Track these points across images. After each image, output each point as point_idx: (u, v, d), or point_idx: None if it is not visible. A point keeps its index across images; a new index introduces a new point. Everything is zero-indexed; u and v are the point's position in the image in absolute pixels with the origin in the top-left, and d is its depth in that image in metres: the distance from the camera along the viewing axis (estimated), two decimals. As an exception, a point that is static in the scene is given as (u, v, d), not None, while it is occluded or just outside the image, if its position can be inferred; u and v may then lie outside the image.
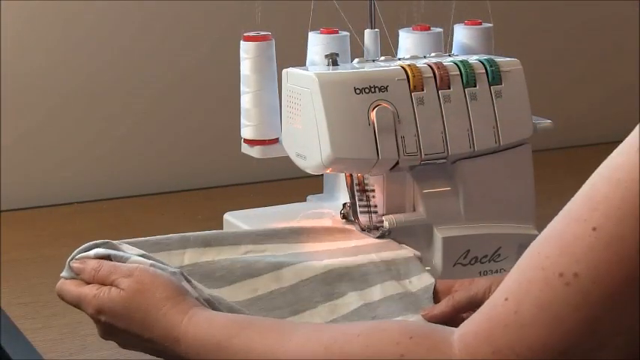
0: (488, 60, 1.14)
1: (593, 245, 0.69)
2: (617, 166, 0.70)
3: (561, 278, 0.70)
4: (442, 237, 1.12)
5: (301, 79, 1.11)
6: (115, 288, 0.94)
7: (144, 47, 1.71)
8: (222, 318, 0.91)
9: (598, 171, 0.72)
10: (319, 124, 1.08)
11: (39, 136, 1.67)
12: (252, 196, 1.68)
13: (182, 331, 0.90)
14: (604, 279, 0.69)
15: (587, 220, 0.70)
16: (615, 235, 0.68)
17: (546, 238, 0.73)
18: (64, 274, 1.00)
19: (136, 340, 0.94)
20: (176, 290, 0.93)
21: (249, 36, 1.19)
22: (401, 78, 1.10)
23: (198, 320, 0.90)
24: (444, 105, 1.11)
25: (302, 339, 0.82)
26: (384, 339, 0.78)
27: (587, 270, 0.69)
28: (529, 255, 0.74)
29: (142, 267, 0.95)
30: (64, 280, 0.99)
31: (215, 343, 0.87)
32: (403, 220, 1.12)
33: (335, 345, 0.80)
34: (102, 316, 0.95)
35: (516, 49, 1.26)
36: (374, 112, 1.08)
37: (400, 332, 0.78)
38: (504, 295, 0.73)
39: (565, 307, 0.70)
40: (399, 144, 1.09)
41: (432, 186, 1.14)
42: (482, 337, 0.73)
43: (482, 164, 1.14)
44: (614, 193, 0.69)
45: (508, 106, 1.14)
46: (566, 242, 0.71)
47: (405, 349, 0.76)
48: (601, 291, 0.69)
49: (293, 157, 1.15)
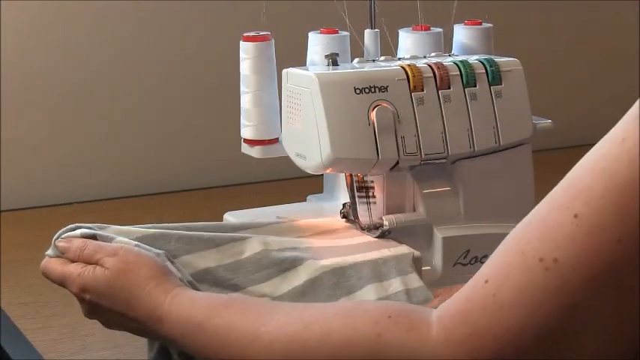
0: (488, 60, 1.14)
1: (574, 232, 0.70)
2: (601, 156, 0.71)
3: (541, 263, 0.70)
4: (442, 237, 1.12)
5: (301, 79, 1.11)
6: (100, 267, 0.94)
7: (144, 47, 1.71)
8: (205, 297, 0.92)
9: (582, 160, 0.73)
10: (319, 124, 1.08)
11: (39, 136, 1.67)
12: (252, 196, 1.68)
13: (165, 311, 0.90)
14: (583, 266, 0.69)
15: (569, 207, 0.70)
16: (596, 223, 0.69)
17: (528, 223, 0.74)
18: (50, 252, 1.00)
19: (120, 320, 0.95)
20: (160, 270, 0.94)
21: (249, 36, 1.19)
22: (401, 78, 1.10)
23: (181, 300, 0.90)
24: (444, 105, 1.11)
25: (282, 318, 0.83)
26: (362, 318, 0.78)
27: (567, 256, 0.70)
28: (510, 239, 0.75)
29: (126, 247, 0.96)
30: (49, 259, 1.00)
31: (197, 323, 0.88)
32: (403, 220, 1.12)
33: (314, 324, 0.80)
34: (86, 295, 0.95)
35: (516, 49, 1.26)
36: (374, 112, 1.08)
37: (379, 312, 0.78)
38: (484, 277, 0.74)
39: (544, 292, 0.70)
40: (399, 144, 1.09)
41: (432, 186, 1.14)
42: (460, 318, 0.73)
43: (482, 164, 1.14)
44: (597, 182, 0.70)
45: (508, 106, 1.14)
46: (548, 228, 0.71)
47: (382, 328, 0.77)
48: (580, 278, 0.69)
49: (293, 157, 1.15)
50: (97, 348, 1.12)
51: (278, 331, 0.82)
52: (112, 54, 1.69)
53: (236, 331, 0.85)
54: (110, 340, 1.13)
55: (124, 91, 1.71)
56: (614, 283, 0.68)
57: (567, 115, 1.91)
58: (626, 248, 0.68)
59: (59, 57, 1.66)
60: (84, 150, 1.69)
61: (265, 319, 0.84)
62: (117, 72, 1.70)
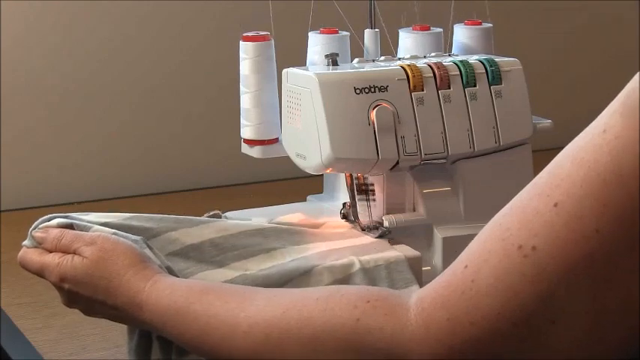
0: (488, 60, 1.14)
1: (553, 221, 0.70)
2: (582, 146, 0.71)
3: (519, 250, 0.71)
4: (442, 237, 1.11)
5: (301, 79, 1.11)
6: (78, 256, 0.95)
7: (143, 47, 1.71)
8: (184, 284, 0.92)
9: (565, 149, 0.74)
10: (319, 124, 1.08)
11: (39, 136, 1.67)
12: (252, 196, 1.68)
13: (144, 298, 0.91)
14: (561, 255, 0.69)
15: (550, 195, 0.71)
16: (574, 213, 0.69)
17: (509, 210, 0.75)
18: (26, 242, 1.01)
19: (101, 308, 0.95)
20: (138, 257, 0.94)
21: (249, 36, 1.19)
22: (401, 78, 1.10)
23: (161, 286, 0.91)
24: (444, 105, 1.11)
25: (261, 303, 0.84)
26: (341, 302, 0.79)
27: (545, 245, 0.70)
28: (491, 226, 0.75)
29: (104, 235, 0.96)
30: (27, 249, 1.00)
31: (176, 309, 0.88)
32: (403, 220, 1.12)
33: (294, 308, 0.81)
34: (65, 284, 0.95)
35: (516, 49, 1.26)
36: (374, 112, 1.08)
37: (358, 296, 0.79)
38: (464, 262, 0.74)
39: (521, 279, 0.70)
40: (399, 144, 1.09)
41: (432, 186, 1.14)
42: (439, 303, 0.74)
43: (482, 164, 1.14)
44: (577, 172, 0.70)
45: (508, 106, 1.14)
46: (528, 216, 0.72)
47: (361, 313, 0.77)
48: (557, 266, 0.69)
49: (293, 157, 1.15)
50: (97, 348, 1.12)
51: (257, 316, 0.82)
52: (111, 54, 1.69)
53: (216, 316, 0.85)
54: (110, 340, 1.13)
55: (124, 91, 1.71)
56: (590, 273, 0.69)
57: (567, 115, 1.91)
58: (604, 239, 0.68)
59: (59, 57, 1.66)
60: (84, 150, 1.69)
61: (245, 305, 0.84)
62: (116, 72, 1.70)
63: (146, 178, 1.73)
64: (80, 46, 1.67)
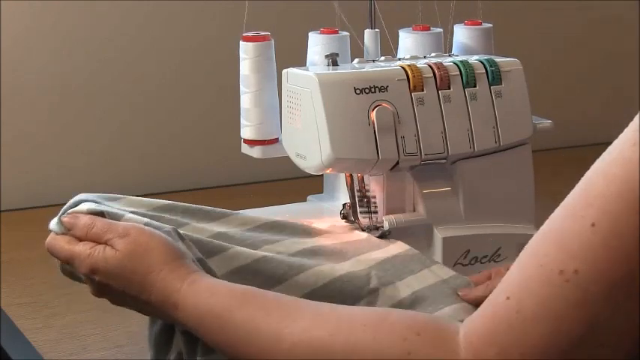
0: (488, 60, 1.14)
1: (590, 241, 0.69)
2: (612, 160, 0.70)
3: (560, 275, 0.70)
4: (442, 237, 1.12)
5: (301, 79, 1.11)
6: (110, 248, 0.92)
7: (143, 47, 1.71)
8: (224, 287, 0.89)
9: (594, 166, 0.72)
10: (319, 124, 1.08)
11: (39, 136, 1.67)
12: (252, 196, 1.68)
13: (181, 298, 0.88)
14: (603, 276, 0.68)
15: (584, 216, 0.70)
16: (612, 231, 0.68)
17: (544, 234, 0.73)
18: (54, 227, 0.97)
19: (132, 302, 0.92)
20: (174, 253, 0.91)
21: (249, 36, 1.19)
22: (401, 78, 1.10)
23: (199, 289, 0.88)
24: (444, 105, 1.11)
25: (307, 321, 0.81)
26: (390, 333, 0.77)
27: (586, 267, 0.69)
28: (528, 252, 0.74)
29: (137, 227, 0.93)
30: (55, 236, 0.97)
31: (215, 315, 0.86)
32: (403, 220, 1.12)
33: (341, 333, 0.79)
34: (96, 276, 0.92)
35: (516, 49, 1.26)
36: (374, 112, 1.08)
37: (407, 327, 0.77)
38: (506, 293, 0.73)
39: (565, 305, 0.70)
40: (399, 144, 1.09)
41: (432, 186, 1.14)
42: (487, 338, 0.73)
43: (482, 164, 1.14)
44: (609, 188, 0.69)
45: (508, 106, 1.14)
46: (564, 239, 0.71)
47: (412, 346, 0.76)
48: (600, 288, 0.68)
49: (293, 157, 1.15)
50: (97, 348, 1.12)
51: (302, 335, 0.80)
52: (111, 54, 1.69)
53: (258, 330, 0.83)
54: (110, 340, 1.13)
55: (124, 92, 1.71)
56: (632, 292, 0.68)
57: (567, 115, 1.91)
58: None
59: (59, 57, 1.66)
60: (84, 150, 1.70)
61: (289, 321, 0.82)
62: (116, 72, 1.70)
63: (146, 178, 1.73)
64: (80, 46, 1.67)
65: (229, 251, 0.99)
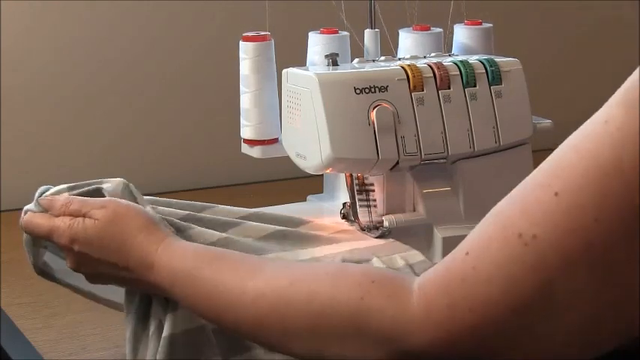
0: (488, 60, 1.14)
1: (553, 210, 0.70)
2: (584, 136, 0.72)
3: (520, 239, 0.71)
4: (442, 237, 1.12)
5: (301, 79, 1.11)
6: (89, 218, 0.95)
7: (143, 47, 1.71)
8: (196, 248, 0.93)
9: (567, 140, 0.74)
10: (319, 124, 1.08)
11: (39, 136, 1.67)
12: (252, 196, 1.68)
13: (156, 259, 0.91)
14: (561, 244, 0.70)
15: (550, 185, 0.71)
16: (575, 202, 0.70)
17: (510, 199, 0.75)
18: (31, 207, 1.01)
19: (109, 270, 0.95)
20: (150, 220, 0.95)
21: (248, 36, 1.19)
22: (401, 78, 1.10)
23: (172, 248, 0.92)
24: (444, 105, 1.11)
25: (270, 273, 0.84)
26: (347, 280, 0.80)
27: (546, 233, 0.70)
28: (493, 214, 0.76)
29: (115, 199, 0.97)
30: (33, 214, 1.01)
31: (186, 272, 0.89)
32: (403, 220, 1.12)
33: (302, 281, 0.82)
34: (75, 246, 0.95)
35: (516, 49, 1.26)
36: (374, 112, 1.08)
37: (363, 274, 0.80)
38: (465, 249, 0.75)
39: (521, 267, 0.71)
40: (399, 144, 1.09)
41: (432, 186, 1.14)
42: (440, 289, 0.74)
43: (482, 164, 1.14)
44: (578, 162, 0.71)
45: (508, 106, 1.14)
46: (529, 204, 0.72)
47: (365, 292, 0.78)
48: (557, 255, 0.70)
49: (293, 157, 1.15)
50: (97, 348, 1.12)
51: (265, 286, 0.83)
52: (111, 54, 1.69)
53: (223, 283, 0.86)
54: (110, 340, 1.13)
55: (124, 92, 1.71)
56: (589, 263, 0.69)
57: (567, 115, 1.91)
58: (603, 228, 0.69)
59: (59, 57, 1.66)
60: (84, 150, 1.69)
61: (254, 274, 0.85)
62: (116, 72, 1.70)
63: (146, 178, 1.72)
64: (80, 46, 1.67)
65: (195, 229, 1.01)
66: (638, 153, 0.68)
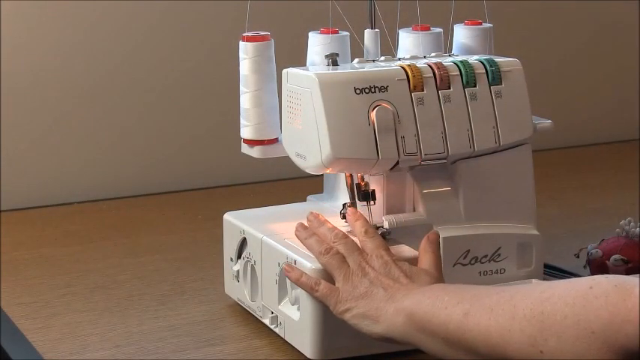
0: (488, 60, 1.14)
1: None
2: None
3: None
4: (442, 237, 1.11)
5: (301, 79, 1.11)
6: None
7: (143, 48, 1.71)
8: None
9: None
10: (319, 124, 1.08)
11: (39, 136, 1.67)
12: (252, 196, 1.68)
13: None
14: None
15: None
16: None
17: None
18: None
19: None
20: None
21: (248, 36, 1.19)
22: (401, 78, 1.10)
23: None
24: (444, 105, 1.11)
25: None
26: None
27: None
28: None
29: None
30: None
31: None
32: (403, 220, 1.12)
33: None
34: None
35: (516, 49, 1.26)
36: (374, 112, 1.08)
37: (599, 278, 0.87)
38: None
39: None
40: (399, 144, 1.09)
41: (432, 186, 1.14)
42: None
43: (482, 164, 1.14)
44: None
45: (508, 106, 1.14)
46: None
47: (595, 283, 0.85)
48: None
49: (293, 157, 1.15)
50: (97, 348, 1.12)
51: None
52: (111, 55, 1.69)
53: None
54: (110, 340, 1.13)
55: (124, 92, 1.71)
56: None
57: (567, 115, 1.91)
58: None
59: (59, 57, 1.66)
60: (84, 150, 1.70)
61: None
62: (116, 72, 1.70)
63: (146, 178, 1.73)
64: (80, 46, 1.67)
65: None
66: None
